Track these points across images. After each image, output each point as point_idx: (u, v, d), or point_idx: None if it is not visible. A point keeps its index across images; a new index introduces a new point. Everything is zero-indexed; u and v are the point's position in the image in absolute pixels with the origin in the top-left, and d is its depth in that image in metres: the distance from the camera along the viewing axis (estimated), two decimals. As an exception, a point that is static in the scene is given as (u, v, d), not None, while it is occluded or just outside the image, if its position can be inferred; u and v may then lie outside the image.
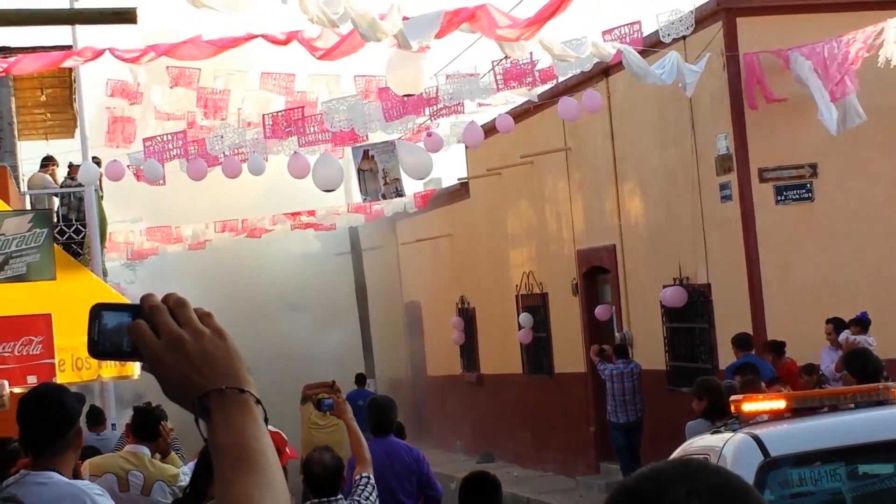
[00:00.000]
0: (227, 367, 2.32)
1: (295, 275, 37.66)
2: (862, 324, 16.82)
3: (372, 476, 8.48)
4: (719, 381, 13.72)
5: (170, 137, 19.13)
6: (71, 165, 20.85)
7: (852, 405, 7.30)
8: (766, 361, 16.96)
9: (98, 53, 15.49)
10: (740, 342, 17.73)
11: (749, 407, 7.35)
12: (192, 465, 9.56)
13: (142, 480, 9.05)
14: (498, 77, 17.92)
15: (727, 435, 7.13)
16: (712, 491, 2.09)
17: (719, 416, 12.81)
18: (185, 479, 9.22)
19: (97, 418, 17.46)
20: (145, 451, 9.38)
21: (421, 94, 17.06)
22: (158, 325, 2.32)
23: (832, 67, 17.17)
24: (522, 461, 27.66)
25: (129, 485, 9.06)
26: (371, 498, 8.34)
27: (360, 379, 27.65)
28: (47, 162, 21.49)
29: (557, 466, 25.52)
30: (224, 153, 19.53)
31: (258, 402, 2.32)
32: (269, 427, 2.35)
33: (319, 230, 32.17)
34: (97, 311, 2.37)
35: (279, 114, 18.66)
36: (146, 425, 9.61)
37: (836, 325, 17.24)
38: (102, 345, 2.37)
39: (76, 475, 6.46)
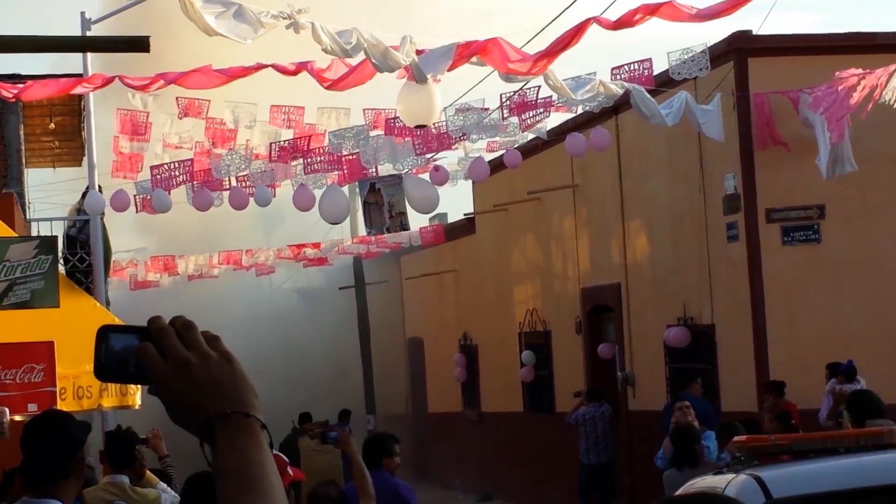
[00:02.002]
0: (234, 392, 2.31)
1: (297, 308, 37.69)
2: (847, 374, 16.69)
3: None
4: (691, 428, 13.78)
5: (176, 165, 19.14)
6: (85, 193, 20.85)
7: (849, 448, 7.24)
8: (699, 399, 17.92)
9: (108, 80, 15.51)
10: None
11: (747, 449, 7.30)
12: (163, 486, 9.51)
13: None
14: (505, 107, 17.95)
15: (729, 476, 7.10)
16: None
17: (684, 462, 12.92)
18: (167, 500, 9.16)
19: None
20: (124, 479, 9.23)
21: (434, 127, 17.08)
22: (166, 348, 2.31)
23: (832, 110, 17.19)
24: (521, 500, 27.57)
25: None
26: None
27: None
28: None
29: (558, 507, 25.41)
30: (230, 180, 19.53)
31: (263, 426, 2.31)
32: (273, 450, 2.34)
33: (313, 265, 32.11)
34: (104, 333, 2.36)
35: (287, 142, 18.69)
36: (121, 451, 9.42)
37: (832, 371, 17.15)
38: (109, 367, 2.35)
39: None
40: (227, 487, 2.24)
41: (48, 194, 25.35)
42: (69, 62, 19.85)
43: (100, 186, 19.79)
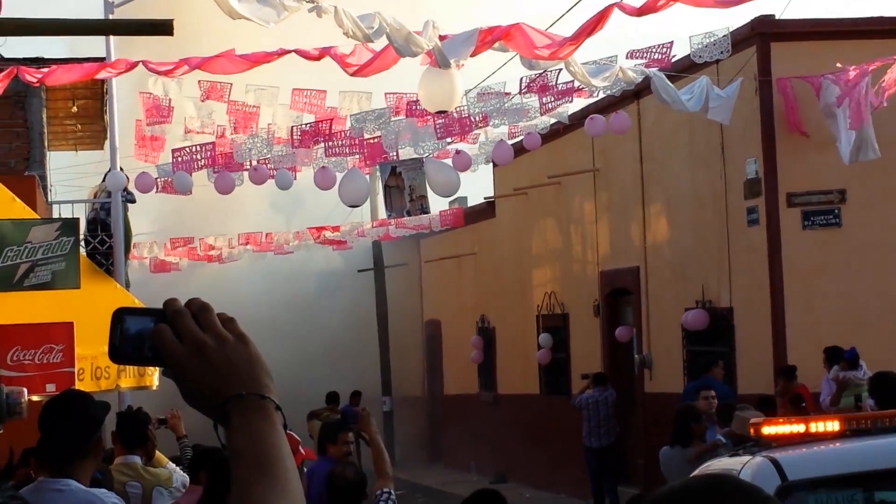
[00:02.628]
0: (249, 373, 2.32)
1: (316, 290, 37.76)
2: (850, 361, 16.64)
3: (393, 491, 8.47)
4: (689, 407, 13.88)
5: (198, 148, 19.20)
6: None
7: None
8: (721, 382, 17.94)
9: (132, 66, 15.56)
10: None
11: (769, 431, 7.31)
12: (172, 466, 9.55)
13: (140, 490, 8.98)
14: (524, 89, 17.94)
15: (745, 458, 7.11)
16: None
17: (685, 441, 13.05)
18: (177, 480, 9.20)
19: None
20: (136, 459, 9.29)
21: (455, 112, 17.10)
22: (182, 330, 2.32)
23: (857, 95, 17.13)
24: (536, 482, 27.61)
25: (129, 496, 8.92)
26: None
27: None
28: None
29: (571, 488, 25.44)
30: (251, 162, 19.59)
31: (278, 408, 2.32)
32: (287, 430, 2.36)
33: (339, 249, 32.20)
34: (120, 316, 2.36)
35: (308, 125, 18.73)
36: (133, 431, 9.47)
37: (829, 355, 17.09)
38: (124, 350, 2.36)
39: (94, 483, 6.47)
40: (241, 469, 2.25)
41: (70, 177, 25.40)
42: (88, 45, 19.91)
43: (121, 168, 19.86)
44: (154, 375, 14.37)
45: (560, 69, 16.63)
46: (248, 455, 2.26)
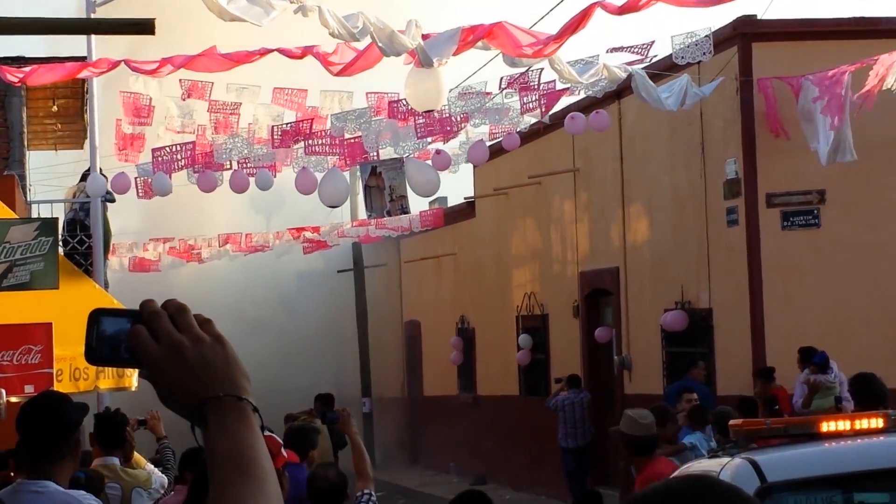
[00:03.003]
0: (225, 375, 2.31)
1: (296, 291, 37.73)
2: (820, 366, 16.63)
3: (373, 493, 8.47)
4: (656, 409, 13.89)
5: (179, 147, 19.16)
6: (83, 177, 20.87)
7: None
8: (701, 384, 18.14)
9: (114, 65, 15.53)
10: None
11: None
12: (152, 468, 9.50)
13: (119, 491, 8.92)
14: (505, 87, 17.95)
15: (725, 459, 7.13)
16: None
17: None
18: (156, 481, 9.17)
19: None
20: (115, 460, 9.21)
21: (436, 112, 17.10)
22: (158, 331, 2.31)
23: (836, 96, 17.16)
24: (516, 484, 27.61)
25: (109, 497, 8.86)
26: None
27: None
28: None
29: (551, 489, 25.45)
30: (231, 162, 19.56)
31: (255, 409, 2.32)
32: (265, 432, 2.36)
33: (315, 251, 32.13)
34: (96, 317, 2.35)
35: (289, 125, 18.71)
36: (111, 433, 9.39)
37: (803, 355, 17.09)
38: (100, 351, 2.35)
39: (73, 485, 6.45)
40: (218, 470, 2.25)
41: (49, 177, 25.35)
42: (67, 43, 19.81)
43: (101, 169, 19.80)
44: (133, 377, 14.32)
45: (542, 69, 16.64)
46: (225, 456, 2.26)
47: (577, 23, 12.81)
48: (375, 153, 19.50)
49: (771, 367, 17.66)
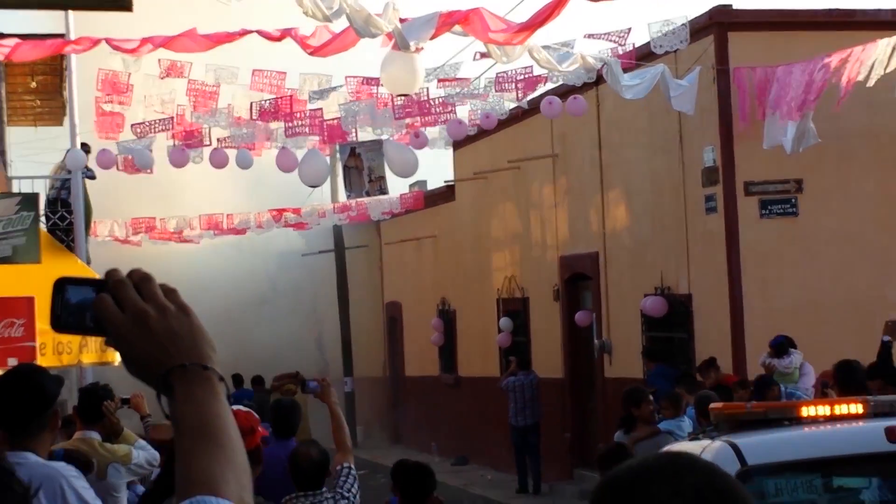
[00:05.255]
0: (191, 344, 2.32)
1: (276, 271, 37.74)
2: (776, 349, 16.56)
3: (353, 467, 8.45)
4: (639, 392, 13.99)
5: (158, 123, 19.12)
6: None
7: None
8: (674, 370, 18.55)
9: (95, 43, 15.52)
10: (650, 354, 19.99)
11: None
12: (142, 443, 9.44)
13: (95, 465, 8.92)
14: (487, 80, 18.02)
15: (705, 442, 7.17)
16: (697, 491, 2.07)
17: (634, 426, 13.18)
18: (138, 457, 9.12)
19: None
20: (94, 435, 9.18)
21: (415, 95, 17.13)
22: (123, 300, 2.32)
23: (805, 87, 17.18)
24: (497, 464, 27.69)
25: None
26: (353, 489, 8.31)
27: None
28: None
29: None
30: (211, 136, 19.55)
31: (221, 378, 2.32)
32: (240, 407, 2.38)
33: (299, 229, 32.16)
34: (61, 285, 2.36)
35: (268, 102, 18.70)
36: (90, 408, 9.36)
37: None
38: (65, 319, 2.36)
39: (52, 456, 6.47)
40: (185, 438, 2.25)
41: (29, 153, 25.27)
42: (44, 19, 19.74)
43: (85, 144, 19.75)
44: (116, 352, 14.32)
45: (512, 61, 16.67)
46: (192, 424, 2.26)
47: (549, 11, 12.84)
48: (354, 134, 19.53)
49: (713, 357, 17.88)
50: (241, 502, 2.20)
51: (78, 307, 2.35)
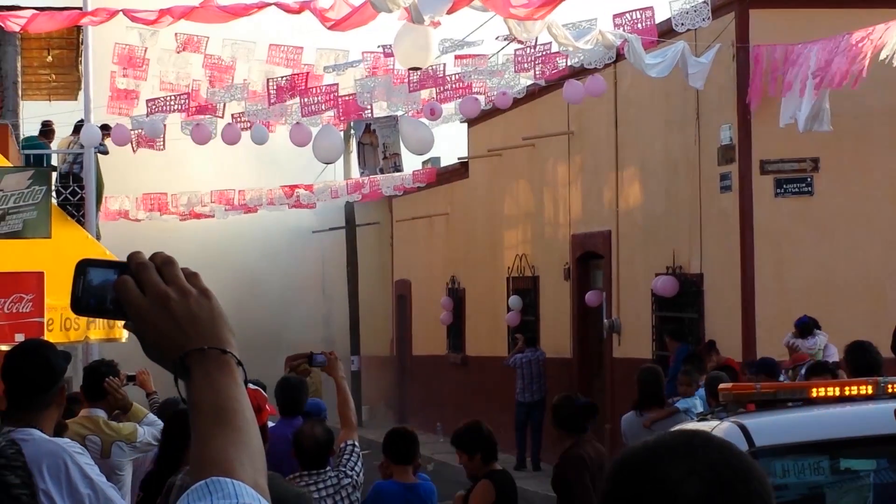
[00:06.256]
0: (211, 328, 2.31)
1: (286, 248, 37.72)
2: (801, 328, 16.54)
3: (357, 444, 8.41)
4: (656, 371, 13.96)
5: (174, 98, 19.09)
6: (76, 127, 20.82)
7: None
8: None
9: (112, 14, 15.49)
10: (674, 333, 19.97)
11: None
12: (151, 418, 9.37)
13: (99, 444, 8.82)
14: (505, 57, 17.94)
15: (714, 423, 7.14)
16: (712, 469, 2.10)
17: (649, 406, 13.07)
18: (144, 434, 9.06)
19: None
20: (100, 412, 9.09)
21: (428, 69, 17.06)
22: (145, 283, 2.31)
23: (824, 65, 17.08)
24: (502, 444, 27.42)
25: (88, 450, 8.78)
26: (357, 468, 8.27)
27: None
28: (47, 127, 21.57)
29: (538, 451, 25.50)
30: (225, 112, 19.50)
31: (239, 363, 2.32)
32: (250, 385, 2.36)
33: (304, 207, 32.13)
34: (83, 267, 2.34)
35: (283, 79, 18.65)
36: (94, 385, 9.26)
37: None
38: (86, 301, 2.34)
39: (58, 432, 6.44)
40: (201, 422, 2.25)
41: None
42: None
43: (106, 126, 19.72)
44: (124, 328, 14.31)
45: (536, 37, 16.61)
46: (208, 408, 2.26)
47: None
48: (370, 110, 19.47)
49: (712, 341, 18.09)
50: (255, 485, 2.20)
51: (99, 289, 2.33)
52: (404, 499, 9.11)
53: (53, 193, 17.19)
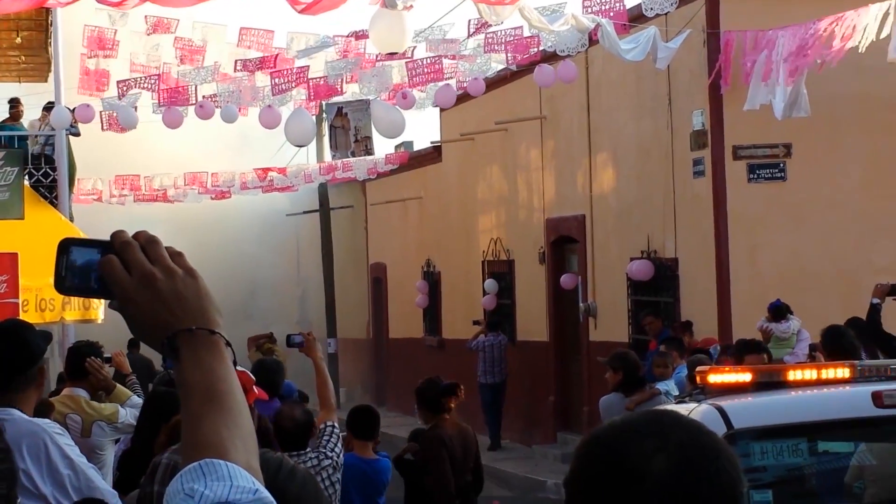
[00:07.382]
0: (198, 308, 2.28)
1: (260, 231, 37.65)
2: (774, 312, 16.45)
3: (336, 425, 8.41)
4: (636, 355, 13.98)
5: (144, 79, 18.99)
6: (46, 108, 20.70)
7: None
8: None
9: (82, -6, 15.35)
10: (657, 314, 19.94)
11: (715, 378, 7.36)
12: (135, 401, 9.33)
13: (80, 423, 8.82)
14: (472, 32, 17.89)
15: (691, 405, 7.14)
16: (680, 447, 2.11)
17: (632, 389, 13.01)
18: (125, 415, 9.03)
19: None
20: (81, 392, 9.08)
21: (402, 54, 17.02)
22: (130, 262, 2.27)
23: (797, 52, 17.10)
24: (481, 427, 27.67)
25: (68, 429, 8.78)
26: (337, 449, 8.27)
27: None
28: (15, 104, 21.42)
29: (515, 435, 25.57)
30: (197, 94, 19.41)
31: (228, 343, 2.30)
32: (237, 368, 2.33)
33: (277, 191, 32.07)
34: (66, 246, 2.30)
35: (253, 61, 18.58)
36: (75, 365, 9.25)
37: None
38: (70, 281, 2.30)
39: (38, 413, 6.41)
40: (191, 402, 2.23)
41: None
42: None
43: (67, 107, 19.62)
44: (99, 309, 14.25)
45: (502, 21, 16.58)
46: (198, 388, 2.24)
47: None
48: (341, 91, 19.41)
49: (689, 321, 18.17)
50: (248, 466, 2.19)
51: (83, 269, 2.30)
52: (361, 472, 9.53)
53: (25, 175, 17.09)
